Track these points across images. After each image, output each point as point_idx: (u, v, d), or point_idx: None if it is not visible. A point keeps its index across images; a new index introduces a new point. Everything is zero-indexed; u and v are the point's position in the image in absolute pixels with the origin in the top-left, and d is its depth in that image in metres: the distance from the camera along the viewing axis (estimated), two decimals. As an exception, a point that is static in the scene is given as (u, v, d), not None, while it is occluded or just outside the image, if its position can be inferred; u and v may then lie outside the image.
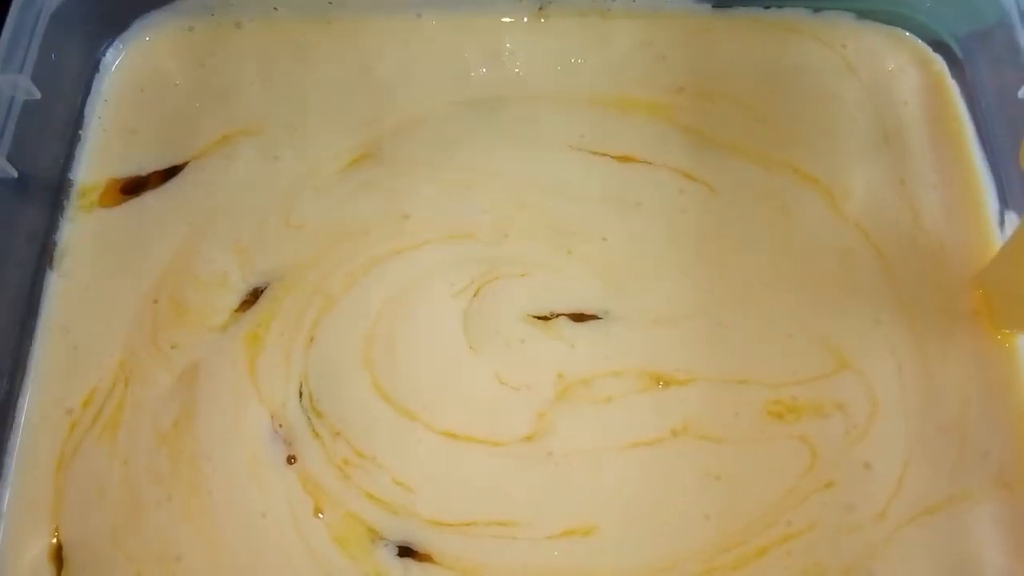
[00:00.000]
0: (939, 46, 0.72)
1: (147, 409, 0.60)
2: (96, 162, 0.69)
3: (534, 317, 0.62)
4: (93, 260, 0.65)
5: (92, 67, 0.72)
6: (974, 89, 0.69)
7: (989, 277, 0.62)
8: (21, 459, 0.59)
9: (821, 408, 0.59)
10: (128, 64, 0.73)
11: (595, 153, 0.68)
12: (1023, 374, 0.60)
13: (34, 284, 0.64)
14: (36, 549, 0.57)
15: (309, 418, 0.59)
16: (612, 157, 0.67)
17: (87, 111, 0.70)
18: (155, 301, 0.63)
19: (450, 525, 0.57)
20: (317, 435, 0.59)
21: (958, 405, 0.60)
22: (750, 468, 0.57)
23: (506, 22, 0.73)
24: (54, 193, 0.67)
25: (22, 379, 0.61)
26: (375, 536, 0.56)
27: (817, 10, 0.72)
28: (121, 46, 0.73)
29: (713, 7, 0.73)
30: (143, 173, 0.68)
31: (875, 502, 0.56)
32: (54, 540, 0.57)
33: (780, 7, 0.73)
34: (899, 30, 0.72)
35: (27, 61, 0.63)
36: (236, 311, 0.63)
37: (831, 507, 0.56)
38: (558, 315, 0.62)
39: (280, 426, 0.59)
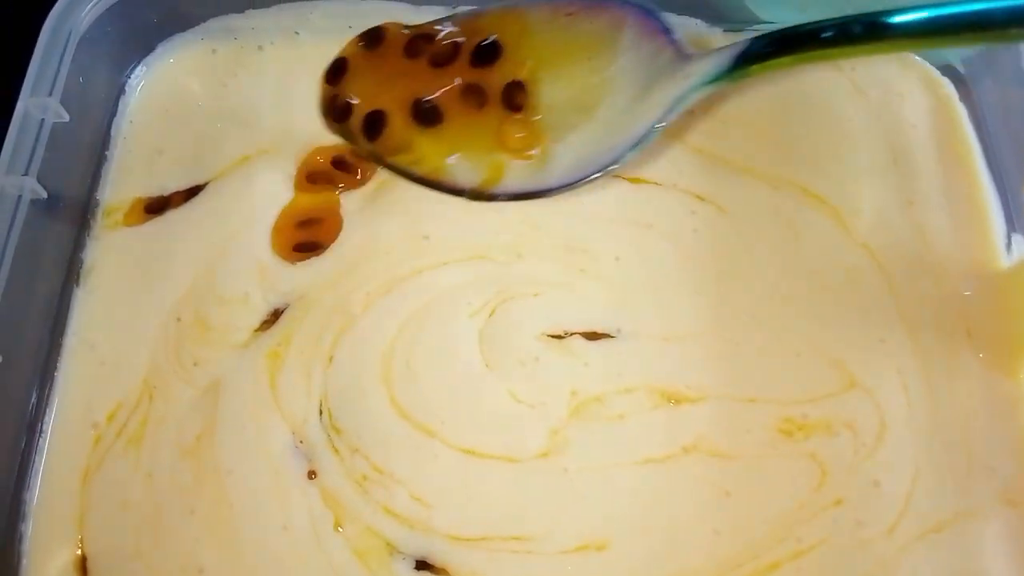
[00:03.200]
0: (946, 69, 0.72)
1: (171, 424, 0.61)
2: (121, 182, 0.70)
3: (548, 336, 0.63)
4: (118, 277, 0.67)
5: (118, 89, 0.73)
6: (981, 111, 0.70)
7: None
8: (47, 472, 0.61)
9: (830, 426, 0.60)
10: (153, 86, 0.74)
11: (608, 175, 0.68)
12: (1028, 392, 0.61)
13: (62, 301, 0.66)
14: (61, 560, 0.58)
15: (329, 435, 0.60)
16: (625, 179, 0.68)
17: (113, 132, 0.72)
18: (178, 319, 0.65)
19: (466, 540, 0.57)
20: (337, 451, 0.60)
21: (964, 422, 0.60)
22: (760, 485, 0.58)
23: (520, 44, 0.74)
24: (81, 212, 0.68)
25: (49, 393, 0.63)
26: (393, 550, 0.57)
27: (826, 34, 0.74)
28: (146, 69, 0.75)
29: (724, 31, 0.74)
30: (166, 193, 0.70)
31: (884, 519, 0.57)
32: (79, 552, 0.58)
33: (790, 31, 0.74)
34: (907, 53, 0.73)
35: (56, 85, 0.65)
36: (257, 330, 0.64)
37: (841, 524, 0.57)
38: (572, 334, 0.63)
39: (301, 442, 0.60)
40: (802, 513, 0.57)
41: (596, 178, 0.64)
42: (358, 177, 0.69)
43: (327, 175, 0.69)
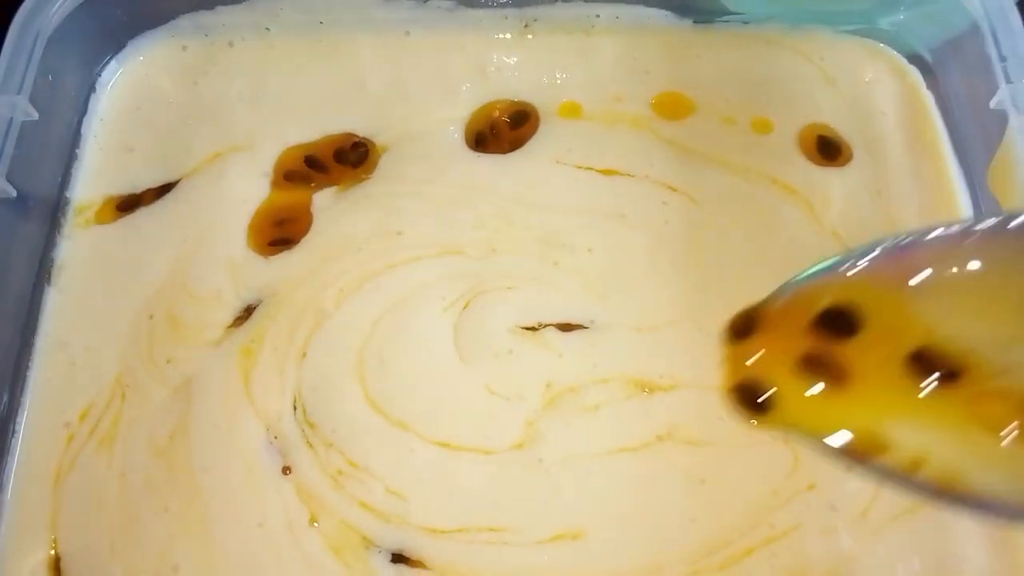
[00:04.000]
0: (913, 58, 0.73)
1: (144, 422, 0.61)
2: (92, 180, 0.70)
3: (522, 328, 0.63)
4: (90, 276, 0.66)
5: (88, 87, 0.73)
6: (948, 99, 0.70)
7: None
8: (20, 472, 0.60)
9: None
10: (123, 84, 0.74)
11: (580, 167, 0.69)
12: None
13: (33, 300, 0.65)
14: (34, 561, 0.57)
15: (303, 430, 0.60)
16: (597, 171, 0.69)
17: (83, 130, 0.71)
18: (151, 316, 0.64)
19: (442, 532, 0.57)
20: (311, 446, 0.60)
21: None
22: (734, 471, 0.58)
23: (492, 39, 0.74)
24: (52, 211, 0.68)
25: (21, 393, 0.62)
26: (369, 544, 0.57)
27: (795, 24, 0.74)
28: (116, 66, 0.74)
29: (694, 23, 0.74)
30: (137, 191, 0.69)
31: (857, 502, 0.57)
32: (52, 552, 0.57)
33: (759, 22, 0.74)
34: (874, 42, 0.74)
35: (25, 82, 0.64)
36: (230, 327, 0.64)
37: (814, 508, 0.57)
38: (546, 325, 0.63)
39: (276, 438, 0.60)
40: (776, 499, 0.57)
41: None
42: (331, 175, 0.69)
43: (302, 174, 0.69)
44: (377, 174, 0.69)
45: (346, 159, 0.69)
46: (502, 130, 0.71)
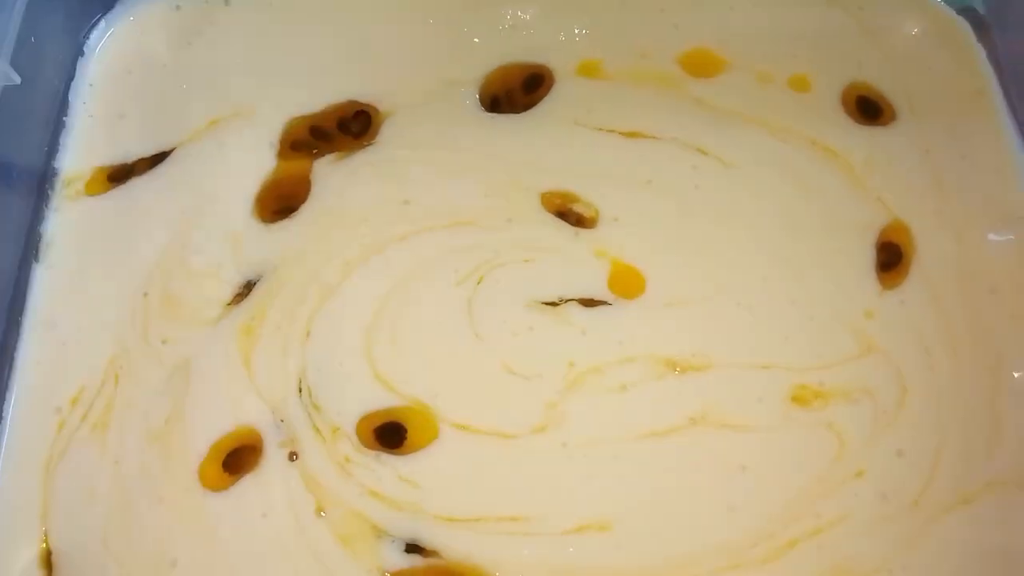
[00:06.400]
0: (963, 9, 0.70)
1: (138, 407, 0.59)
2: (81, 149, 0.67)
3: (542, 303, 0.61)
4: (80, 251, 0.64)
5: (76, 50, 0.70)
6: (1001, 52, 0.67)
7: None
8: (8, 461, 0.58)
9: (848, 393, 0.58)
10: (113, 46, 0.71)
11: (601, 130, 0.66)
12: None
13: (19, 277, 0.63)
14: (26, 555, 0.56)
15: (309, 413, 0.58)
16: (620, 133, 0.66)
17: (71, 96, 0.69)
18: (145, 294, 0.62)
19: (459, 521, 0.55)
20: (318, 431, 0.58)
21: (989, 384, 0.58)
22: (776, 457, 0.56)
23: (506, -10, 0.72)
24: (38, 182, 0.65)
25: (8, 377, 0.60)
26: (381, 533, 0.55)
27: (834, -28, 0.71)
28: (106, 27, 0.71)
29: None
30: (130, 160, 0.67)
31: (909, 491, 0.55)
32: (44, 545, 0.56)
33: (795, -30, 0.72)
34: (921, -7, 0.71)
35: (4, 44, 0.61)
36: (229, 304, 0.61)
37: (863, 497, 0.55)
38: (567, 301, 0.61)
39: (282, 420, 0.58)
40: (821, 487, 0.55)
41: None
42: (334, 143, 0.66)
43: (307, 143, 0.67)
44: (380, 139, 0.67)
45: (348, 129, 0.67)
46: (516, 96, 0.68)
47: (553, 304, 0.61)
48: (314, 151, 0.66)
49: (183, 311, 0.61)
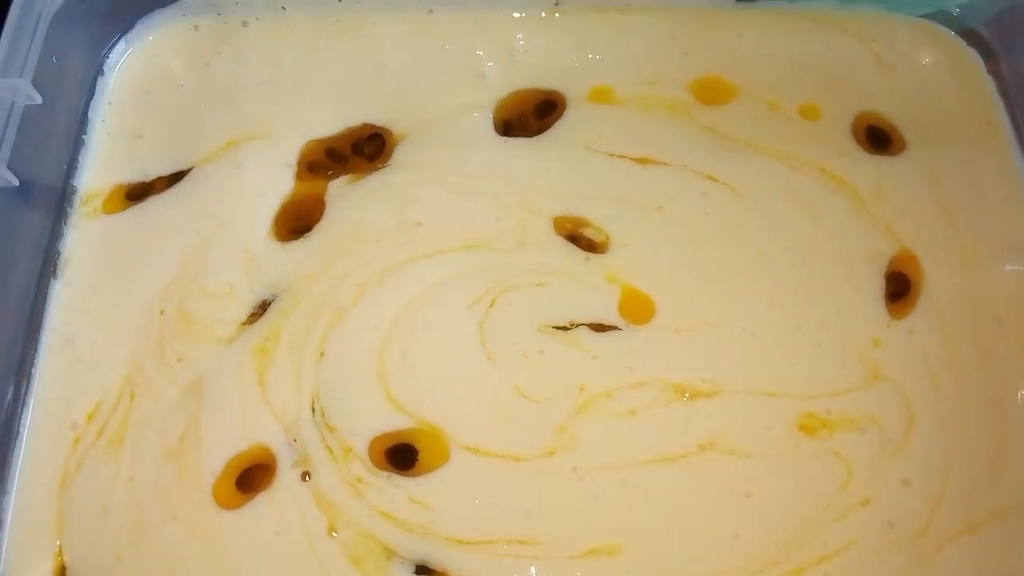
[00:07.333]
0: (973, 39, 0.70)
1: (153, 424, 0.59)
2: (100, 167, 0.68)
3: (553, 327, 0.61)
4: (97, 269, 0.64)
5: (95, 70, 0.70)
6: (1010, 84, 0.67)
7: None
8: (24, 476, 0.58)
9: (855, 421, 0.58)
10: (132, 66, 0.71)
11: (612, 155, 0.66)
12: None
13: (38, 293, 0.63)
14: (40, 571, 0.56)
15: (322, 433, 0.58)
16: (631, 159, 0.66)
17: (90, 115, 0.69)
18: (161, 312, 0.62)
19: (469, 543, 0.55)
20: (331, 451, 0.58)
21: (995, 412, 0.58)
22: (782, 485, 0.56)
23: (519, 17, 0.71)
24: (57, 200, 0.66)
25: (25, 392, 0.60)
26: (391, 554, 0.55)
27: (844, 3, 0.71)
28: (125, 47, 0.72)
29: (736, 0, 0.71)
30: (147, 179, 0.67)
31: (916, 519, 0.55)
32: (59, 560, 0.56)
33: (806, 0, 0.71)
34: (930, 23, 0.71)
35: (27, 65, 0.62)
36: (244, 323, 0.62)
37: (869, 526, 0.55)
38: (578, 325, 0.61)
39: (295, 440, 0.58)
40: (828, 514, 0.55)
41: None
42: (348, 165, 0.67)
43: (324, 165, 0.67)
44: (394, 161, 0.67)
45: (362, 152, 0.67)
46: (529, 121, 0.68)
47: (564, 328, 0.60)
48: (329, 172, 0.66)
49: (199, 329, 0.61)
